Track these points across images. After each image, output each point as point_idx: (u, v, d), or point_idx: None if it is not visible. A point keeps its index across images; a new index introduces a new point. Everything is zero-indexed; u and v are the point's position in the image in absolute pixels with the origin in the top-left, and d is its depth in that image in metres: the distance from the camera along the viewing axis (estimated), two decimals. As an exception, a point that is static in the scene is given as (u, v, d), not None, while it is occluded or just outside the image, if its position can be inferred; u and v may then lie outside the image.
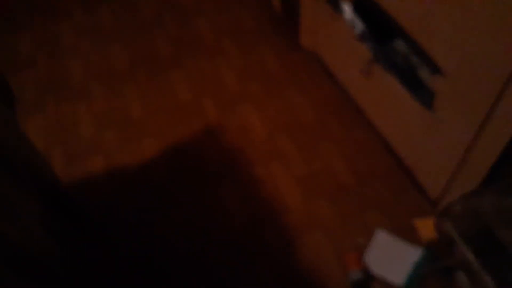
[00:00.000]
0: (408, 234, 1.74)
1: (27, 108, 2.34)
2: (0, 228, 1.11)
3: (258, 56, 2.48)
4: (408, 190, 1.88)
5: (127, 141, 2.17)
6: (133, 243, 1.83)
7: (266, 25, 2.64)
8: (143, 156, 2.10)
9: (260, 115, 2.21)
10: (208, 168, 2.04)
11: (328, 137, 2.09)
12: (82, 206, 1.94)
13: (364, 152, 2.03)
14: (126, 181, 2.03)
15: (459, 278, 1.16)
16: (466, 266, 0.99)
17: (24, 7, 2.93)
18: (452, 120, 1.50)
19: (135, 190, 1.99)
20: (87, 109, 2.32)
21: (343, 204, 1.87)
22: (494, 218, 1.02)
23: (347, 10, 1.84)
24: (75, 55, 2.60)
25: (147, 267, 1.76)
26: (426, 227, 1.71)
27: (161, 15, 2.77)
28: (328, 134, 2.11)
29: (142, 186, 2.00)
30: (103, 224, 1.89)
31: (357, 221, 1.82)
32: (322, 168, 1.99)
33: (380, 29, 1.73)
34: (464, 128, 1.45)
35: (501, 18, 1.16)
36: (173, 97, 2.33)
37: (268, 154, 2.06)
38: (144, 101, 2.33)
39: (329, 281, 1.67)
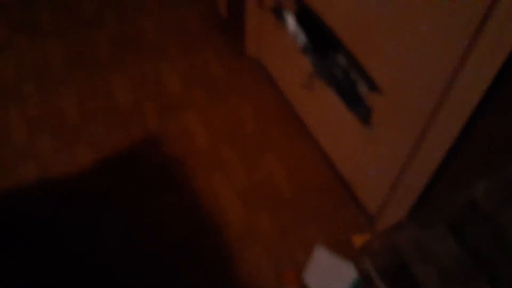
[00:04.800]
0: (346, 249, 1.75)
1: (-48, 110, 2.18)
2: None
3: (203, 60, 2.41)
4: (347, 205, 1.89)
5: (62, 148, 2.06)
6: (65, 254, 1.74)
7: (212, 28, 2.57)
8: (79, 164, 2.00)
9: (203, 123, 2.16)
10: (146, 178, 1.97)
11: (270, 147, 2.07)
12: (11, 217, 1.83)
13: (305, 164, 2.01)
14: (60, 190, 1.93)
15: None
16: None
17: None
18: (389, 136, 1.50)
19: (69, 200, 1.90)
20: (20, 113, 2.18)
21: (283, 218, 1.85)
22: (411, 253, 1.01)
23: (291, 21, 1.80)
24: (8, 53, 2.43)
25: (79, 281, 1.68)
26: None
27: (102, 13, 2.64)
28: (270, 144, 2.08)
29: (77, 196, 1.91)
30: (33, 235, 1.79)
31: (297, 236, 1.80)
32: (263, 180, 1.96)
33: (323, 42, 1.71)
34: (400, 144, 1.46)
35: (437, 38, 1.16)
36: (112, 101, 2.23)
37: (209, 164, 2.02)
38: (81, 104, 2.22)
39: (267, 298, 1.66)
